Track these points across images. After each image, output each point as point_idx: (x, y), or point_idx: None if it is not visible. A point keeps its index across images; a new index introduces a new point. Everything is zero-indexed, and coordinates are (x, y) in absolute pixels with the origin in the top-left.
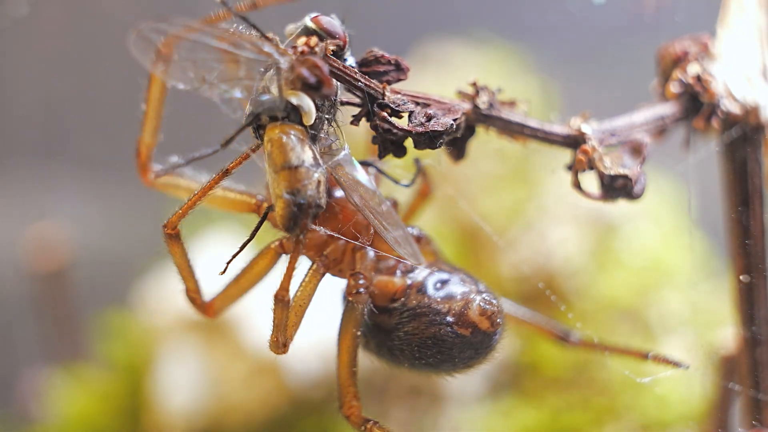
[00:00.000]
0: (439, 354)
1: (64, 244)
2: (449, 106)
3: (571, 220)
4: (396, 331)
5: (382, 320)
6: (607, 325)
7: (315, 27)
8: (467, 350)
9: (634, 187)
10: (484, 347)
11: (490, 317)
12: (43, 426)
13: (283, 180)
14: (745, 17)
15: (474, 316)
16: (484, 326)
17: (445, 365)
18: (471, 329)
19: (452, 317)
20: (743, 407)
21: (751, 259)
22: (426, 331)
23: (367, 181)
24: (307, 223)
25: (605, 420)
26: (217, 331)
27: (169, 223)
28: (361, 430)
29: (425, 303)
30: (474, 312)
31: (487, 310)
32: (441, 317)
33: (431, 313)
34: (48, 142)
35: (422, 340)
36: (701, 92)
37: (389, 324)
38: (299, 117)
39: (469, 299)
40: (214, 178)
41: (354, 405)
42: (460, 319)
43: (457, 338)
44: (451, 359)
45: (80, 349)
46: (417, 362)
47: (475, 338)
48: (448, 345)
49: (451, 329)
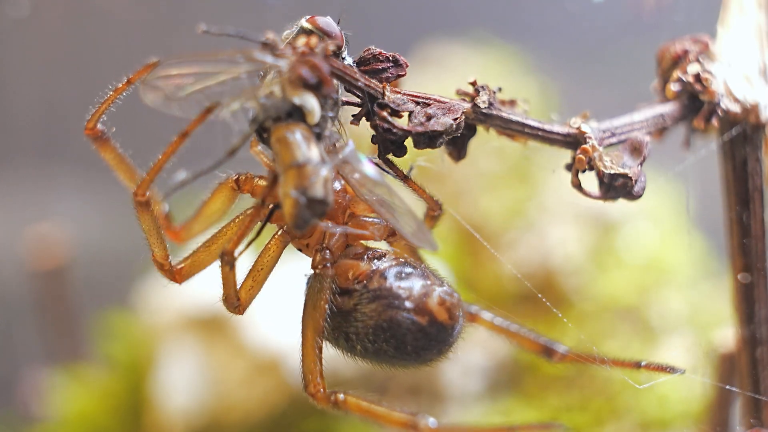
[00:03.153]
0: (393, 339)
1: (64, 244)
2: (449, 105)
3: (570, 219)
4: (354, 312)
5: (341, 302)
6: (606, 325)
7: (311, 27)
8: (422, 340)
9: (634, 187)
10: (440, 341)
11: (449, 309)
12: (44, 425)
13: (291, 178)
14: (744, 17)
15: (432, 304)
16: (442, 317)
17: (398, 355)
18: (428, 318)
19: (411, 303)
20: (742, 406)
21: (751, 259)
22: (383, 314)
23: (374, 174)
24: (315, 220)
25: (605, 420)
26: (218, 330)
27: (138, 190)
28: (330, 406)
29: (386, 286)
30: (433, 301)
31: (447, 300)
32: (399, 301)
33: (390, 296)
34: (48, 142)
35: (378, 323)
36: (701, 92)
37: (348, 306)
38: (303, 116)
39: (430, 288)
40: (175, 140)
41: (319, 383)
42: (418, 306)
43: (413, 325)
44: (404, 348)
45: (80, 349)
46: (371, 347)
47: (431, 328)
48: (402, 331)
49: (408, 315)
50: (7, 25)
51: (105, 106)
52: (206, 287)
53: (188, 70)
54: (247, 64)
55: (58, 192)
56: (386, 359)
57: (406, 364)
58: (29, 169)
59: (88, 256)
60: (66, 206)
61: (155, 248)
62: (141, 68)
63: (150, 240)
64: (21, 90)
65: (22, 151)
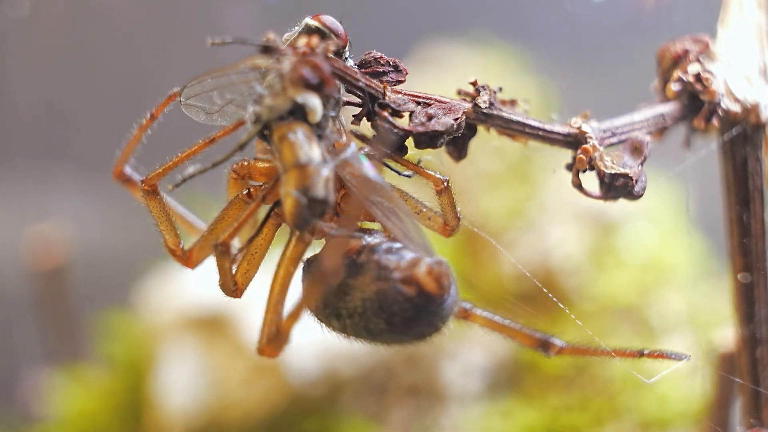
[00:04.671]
0: (381, 312)
1: (64, 244)
2: (450, 105)
3: (571, 219)
4: (342, 287)
5: None
6: (606, 325)
7: (318, 25)
8: (410, 311)
9: (634, 187)
10: (429, 312)
11: (437, 278)
12: (44, 425)
13: (292, 178)
14: (745, 17)
15: (420, 274)
16: (430, 287)
17: (389, 329)
18: (416, 288)
19: (398, 273)
20: (743, 406)
21: (751, 259)
22: (371, 286)
23: (375, 176)
24: (317, 220)
25: (605, 419)
26: (218, 330)
27: (146, 180)
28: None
29: (374, 259)
30: (421, 271)
31: (435, 269)
32: (387, 272)
33: (379, 268)
34: (48, 142)
35: (366, 296)
36: (701, 91)
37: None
38: (305, 115)
39: (419, 260)
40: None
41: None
42: (405, 276)
43: (400, 295)
44: (393, 321)
45: (80, 349)
46: (361, 322)
47: (419, 299)
48: (390, 303)
49: (395, 286)
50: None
51: (131, 148)
52: (206, 287)
53: (208, 87)
54: (254, 72)
55: (58, 192)
56: (377, 335)
57: (397, 339)
58: (29, 169)
59: (88, 256)
60: (66, 206)
61: (166, 235)
62: (162, 101)
63: (161, 227)
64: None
65: (22, 151)
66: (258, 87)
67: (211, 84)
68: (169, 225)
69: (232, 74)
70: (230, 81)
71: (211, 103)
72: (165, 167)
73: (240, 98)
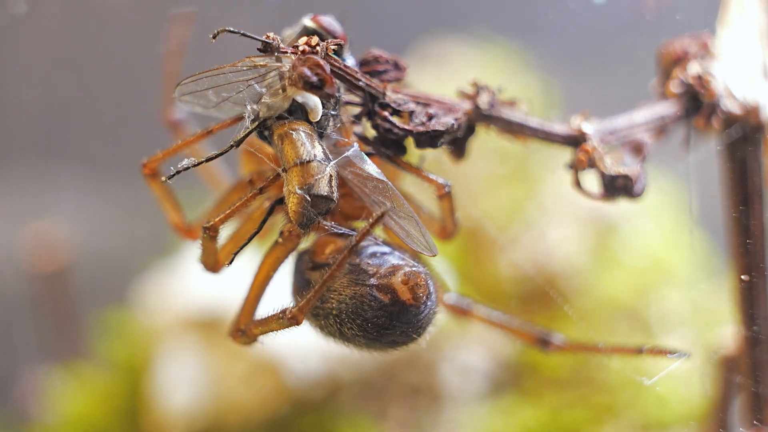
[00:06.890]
0: (355, 317)
1: (64, 244)
2: (450, 105)
3: (571, 219)
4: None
5: (313, 277)
6: (607, 325)
7: (315, 26)
8: (383, 318)
9: (634, 187)
10: (403, 322)
11: (413, 288)
12: (42, 425)
13: (295, 176)
14: (745, 17)
15: (396, 282)
16: (405, 296)
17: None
18: (390, 296)
19: (375, 279)
20: (743, 406)
21: (752, 258)
22: (347, 290)
23: (377, 174)
24: (320, 218)
25: (605, 419)
26: (217, 331)
27: (147, 163)
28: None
29: (355, 262)
30: (397, 279)
31: (411, 279)
32: (365, 277)
33: (357, 272)
34: (48, 141)
35: (342, 298)
36: (701, 91)
37: (317, 280)
38: (305, 114)
39: (397, 267)
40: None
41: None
42: (381, 284)
43: (374, 301)
44: (366, 327)
45: (80, 349)
46: (336, 326)
47: (393, 307)
48: (364, 308)
49: (370, 291)
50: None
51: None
52: (206, 288)
53: (204, 85)
54: (252, 71)
55: (58, 191)
56: (350, 339)
57: (371, 345)
58: (29, 168)
59: (88, 256)
60: (66, 206)
61: (170, 212)
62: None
63: (164, 205)
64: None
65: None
66: (257, 86)
67: (209, 82)
68: (172, 202)
69: (230, 72)
70: (228, 79)
71: (207, 100)
72: (165, 152)
73: (237, 96)
